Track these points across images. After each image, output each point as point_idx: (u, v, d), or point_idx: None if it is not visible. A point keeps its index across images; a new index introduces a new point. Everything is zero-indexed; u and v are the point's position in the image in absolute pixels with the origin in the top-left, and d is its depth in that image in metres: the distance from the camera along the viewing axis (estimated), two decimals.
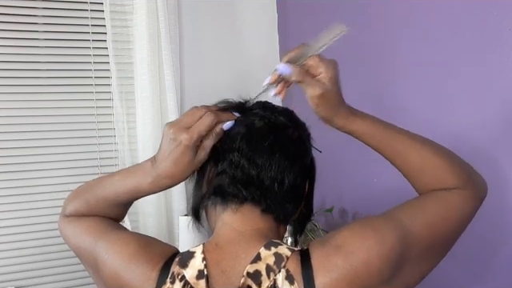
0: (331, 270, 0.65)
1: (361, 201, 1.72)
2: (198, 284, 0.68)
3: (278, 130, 0.76)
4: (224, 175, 0.75)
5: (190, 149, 0.71)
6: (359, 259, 0.65)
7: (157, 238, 0.79)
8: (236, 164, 0.74)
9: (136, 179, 0.77)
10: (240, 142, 0.74)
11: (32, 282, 1.84)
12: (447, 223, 0.73)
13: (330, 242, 0.69)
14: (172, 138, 0.72)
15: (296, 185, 0.75)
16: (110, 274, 0.74)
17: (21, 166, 1.83)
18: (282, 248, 0.69)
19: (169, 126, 0.73)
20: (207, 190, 0.77)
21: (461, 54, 1.32)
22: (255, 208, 0.74)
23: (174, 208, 1.93)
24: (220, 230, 0.75)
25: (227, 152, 0.75)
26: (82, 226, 0.84)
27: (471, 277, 1.29)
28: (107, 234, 0.79)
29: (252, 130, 0.75)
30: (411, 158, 0.78)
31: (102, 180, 0.85)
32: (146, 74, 1.90)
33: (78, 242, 0.83)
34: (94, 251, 0.78)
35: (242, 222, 0.74)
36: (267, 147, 0.74)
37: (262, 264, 0.67)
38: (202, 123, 0.72)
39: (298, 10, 2.09)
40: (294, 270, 0.66)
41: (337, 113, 0.75)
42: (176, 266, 0.70)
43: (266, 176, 0.73)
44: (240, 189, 0.73)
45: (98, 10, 1.92)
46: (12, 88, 1.84)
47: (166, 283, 0.69)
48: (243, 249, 0.71)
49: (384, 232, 0.68)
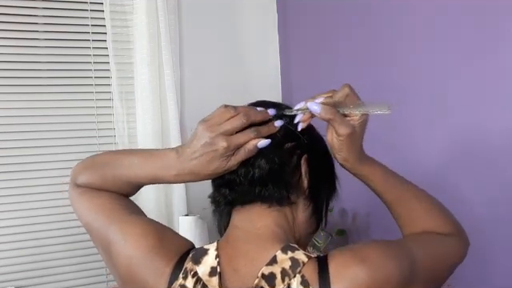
0: (349, 278, 0.65)
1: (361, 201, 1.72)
2: (210, 281, 0.68)
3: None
4: (215, 189, 0.78)
5: (224, 157, 0.71)
6: (382, 275, 0.66)
7: (172, 229, 0.79)
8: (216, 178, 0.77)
9: (158, 168, 0.76)
10: None
11: (32, 282, 1.84)
12: (446, 261, 0.79)
13: (354, 252, 0.69)
14: (209, 143, 0.70)
15: (272, 165, 0.74)
16: (124, 262, 0.74)
17: (20, 166, 1.83)
18: (298, 253, 0.69)
19: (205, 126, 0.71)
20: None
21: (461, 55, 1.32)
22: (246, 206, 0.75)
23: (174, 208, 1.94)
24: (229, 230, 0.76)
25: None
26: (95, 203, 0.81)
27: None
28: (123, 218, 0.78)
29: None
30: (414, 205, 0.84)
31: (119, 157, 0.82)
32: (145, 74, 1.91)
33: (91, 220, 0.81)
34: (107, 234, 0.77)
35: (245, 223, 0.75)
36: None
37: (277, 267, 0.67)
38: (243, 137, 0.71)
39: (298, 10, 2.09)
40: (310, 276, 0.66)
41: (358, 157, 0.78)
42: (189, 262, 0.70)
43: (233, 174, 0.74)
44: (224, 193, 0.76)
45: (97, 10, 1.92)
46: (12, 88, 1.84)
47: (179, 279, 0.69)
48: (253, 248, 0.71)
49: (403, 257, 0.70)
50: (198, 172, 0.72)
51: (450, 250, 0.80)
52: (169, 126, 1.95)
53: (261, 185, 0.74)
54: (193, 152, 0.72)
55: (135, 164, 0.78)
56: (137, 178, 0.79)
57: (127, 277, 0.74)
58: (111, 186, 0.81)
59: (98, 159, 0.85)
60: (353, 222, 1.77)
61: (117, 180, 0.81)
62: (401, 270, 0.67)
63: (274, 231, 0.73)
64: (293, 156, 0.77)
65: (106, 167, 0.82)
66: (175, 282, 0.69)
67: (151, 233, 0.74)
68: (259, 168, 0.73)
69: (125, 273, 0.74)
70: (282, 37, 2.21)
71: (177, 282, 0.69)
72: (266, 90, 2.14)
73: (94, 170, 0.83)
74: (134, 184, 0.81)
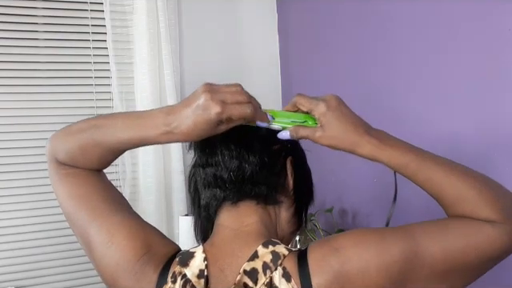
0: (326, 270, 0.65)
1: (361, 201, 1.72)
2: (199, 283, 0.68)
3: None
4: (203, 189, 0.78)
5: (215, 122, 0.67)
6: (354, 266, 0.64)
7: (157, 229, 0.78)
8: (202, 175, 0.77)
9: (145, 128, 0.71)
10: (197, 154, 0.78)
11: (32, 282, 1.84)
12: (471, 254, 0.67)
13: (330, 243, 0.68)
14: (203, 105, 0.66)
15: (263, 164, 0.75)
16: (110, 267, 0.73)
17: (21, 166, 1.83)
18: (279, 247, 0.69)
19: (206, 88, 0.67)
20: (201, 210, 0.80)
21: (460, 55, 1.32)
22: (235, 204, 0.76)
23: (174, 208, 1.94)
24: (215, 231, 0.76)
25: (196, 171, 0.79)
26: (78, 193, 0.77)
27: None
28: (108, 216, 0.75)
29: (204, 139, 0.73)
30: (447, 190, 0.72)
31: (99, 123, 0.76)
32: (146, 74, 1.91)
33: (71, 209, 0.77)
34: (88, 228, 0.75)
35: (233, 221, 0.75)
36: (216, 146, 0.75)
37: (259, 262, 0.68)
38: (240, 111, 0.68)
39: (298, 10, 2.09)
40: (291, 268, 0.66)
41: (359, 144, 0.72)
42: (177, 266, 0.70)
43: (224, 171, 0.74)
44: (215, 192, 0.76)
45: (97, 10, 1.92)
46: (12, 88, 1.84)
47: (168, 283, 0.69)
48: (239, 247, 0.71)
49: (389, 245, 0.66)
50: (188, 132, 0.68)
51: (479, 239, 0.67)
52: None
53: (252, 183, 0.75)
54: (185, 112, 0.68)
55: (119, 130, 0.74)
56: (120, 142, 0.74)
57: (110, 280, 0.73)
58: (90, 156, 0.76)
59: (75, 127, 0.78)
60: (353, 222, 1.77)
61: (97, 148, 0.75)
62: (383, 259, 0.64)
63: (259, 228, 0.74)
64: (279, 157, 0.78)
65: (85, 134, 0.76)
66: (164, 286, 0.69)
67: (139, 238, 0.73)
68: (249, 164, 0.74)
69: (108, 276, 0.73)
70: (282, 37, 2.21)
71: (165, 286, 0.69)
72: (266, 89, 2.14)
73: (72, 140, 0.77)
74: (118, 150, 0.77)
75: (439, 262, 0.66)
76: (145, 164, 1.90)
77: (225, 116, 0.67)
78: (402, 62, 1.53)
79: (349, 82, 1.76)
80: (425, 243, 0.66)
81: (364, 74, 1.69)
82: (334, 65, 1.85)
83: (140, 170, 1.91)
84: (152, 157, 1.89)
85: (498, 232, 0.67)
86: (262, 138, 0.76)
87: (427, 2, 1.41)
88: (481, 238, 0.68)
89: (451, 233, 0.68)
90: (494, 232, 0.67)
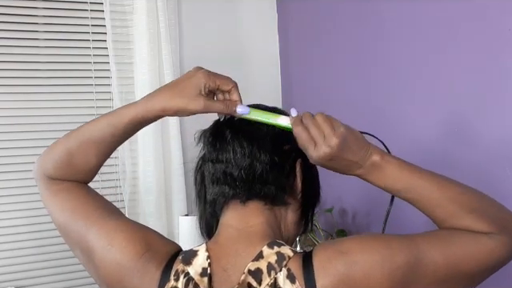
0: (331, 273, 0.65)
1: (361, 201, 1.72)
2: (202, 281, 0.69)
3: (234, 123, 0.78)
4: (210, 185, 0.78)
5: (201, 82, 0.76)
6: (360, 270, 0.65)
7: (154, 230, 0.79)
8: (210, 171, 0.77)
9: (134, 110, 0.81)
10: (207, 149, 0.78)
11: (32, 282, 1.84)
12: (470, 263, 0.70)
13: (336, 246, 0.69)
14: (190, 72, 0.78)
15: (273, 164, 0.75)
16: (111, 268, 0.73)
17: (21, 166, 1.83)
18: (284, 248, 0.69)
19: (198, 67, 0.79)
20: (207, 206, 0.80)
21: (460, 55, 1.32)
22: (243, 203, 0.75)
23: (174, 208, 1.94)
24: (220, 230, 0.76)
25: (205, 165, 0.80)
26: (70, 205, 0.80)
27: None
28: (104, 221, 0.77)
29: (215, 133, 0.78)
30: (441, 209, 0.74)
31: (82, 127, 0.84)
32: (146, 74, 1.90)
33: (66, 221, 0.80)
34: (87, 236, 0.76)
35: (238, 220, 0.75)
36: (228, 142, 0.75)
37: (263, 262, 0.68)
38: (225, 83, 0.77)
39: (298, 10, 2.09)
40: (296, 269, 0.67)
41: (349, 168, 0.76)
42: (180, 264, 0.71)
43: (234, 168, 0.74)
44: (223, 189, 0.76)
45: (97, 10, 1.92)
46: (12, 88, 1.84)
47: (170, 280, 0.69)
48: (243, 247, 0.71)
49: (395, 251, 0.67)
50: (184, 107, 0.75)
51: (479, 249, 0.70)
52: (168, 126, 1.94)
53: (261, 183, 0.74)
54: (176, 84, 0.77)
55: (105, 126, 0.82)
56: (113, 135, 0.81)
57: (114, 282, 0.73)
58: (79, 161, 0.81)
59: (59, 140, 0.86)
60: (353, 221, 1.78)
61: (85, 148, 0.81)
62: (388, 265, 0.65)
63: (265, 229, 0.74)
64: (289, 158, 0.78)
65: (72, 139, 0.83)
66: (167, 284, 0.69)
67: (138, 238, 0.74)
68: (260, 163, 0.74)
69: (111, 278, 0.73)
70: (282, 37, 2.21)
71: (168, 284, 0.69)
72: (266, 89, 2.14)
73: (58, 148, 0.84)
74: (109, 145, 0.83)
75: (441, 270, 0.68)
76: (145, 164, 1.90)
77: (210, 82, 0.75)
78: (401, 62, 1.53)
79: (349, 81, 1.76)
80: (428, 251, 0.68)
81: (364, 73, 1.69)
82: (334, 65, 1.85)
83: (140, 170, 1.91)
84: (152, 157, 1.89)
85: (494, 243, 0.71)
86: (273, 137, 0.76)
87: (427, 2, 1.42)
88: (480, 249, 0.70)
89: (453, 243, 0.71)
90: (492, 243, 0.71)
